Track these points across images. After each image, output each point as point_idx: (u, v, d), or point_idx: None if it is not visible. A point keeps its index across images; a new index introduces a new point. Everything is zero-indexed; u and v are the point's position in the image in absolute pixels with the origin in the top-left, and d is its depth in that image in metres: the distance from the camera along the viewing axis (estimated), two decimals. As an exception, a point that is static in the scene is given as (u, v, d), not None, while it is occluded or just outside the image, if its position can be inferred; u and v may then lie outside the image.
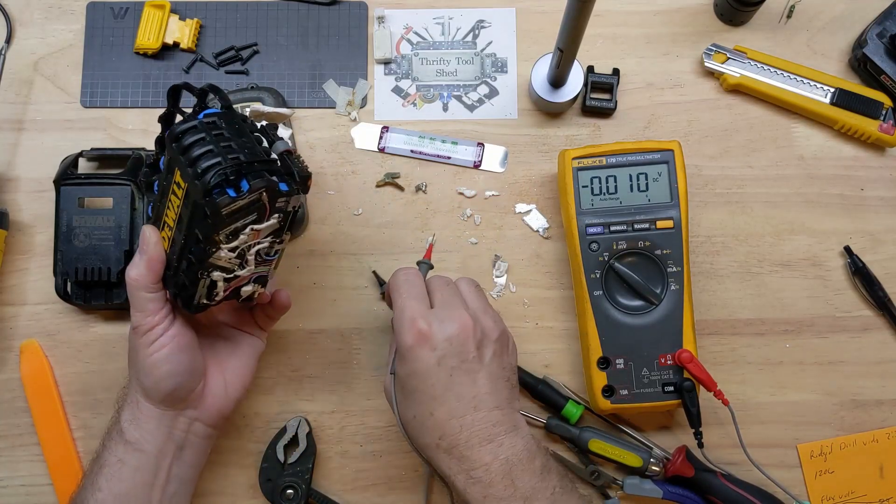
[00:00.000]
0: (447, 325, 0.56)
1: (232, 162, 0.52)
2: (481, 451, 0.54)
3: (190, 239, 0.54)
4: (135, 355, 0.58)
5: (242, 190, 0.52)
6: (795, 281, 0.74)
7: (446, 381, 0.55)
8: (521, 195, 0.74)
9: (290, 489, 0.68)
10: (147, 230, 0.56)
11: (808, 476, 0.71)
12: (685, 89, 0.76)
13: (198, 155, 0.52)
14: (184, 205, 0.53)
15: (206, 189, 0.51)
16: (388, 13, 0.76)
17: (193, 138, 0.53)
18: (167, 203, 0.55)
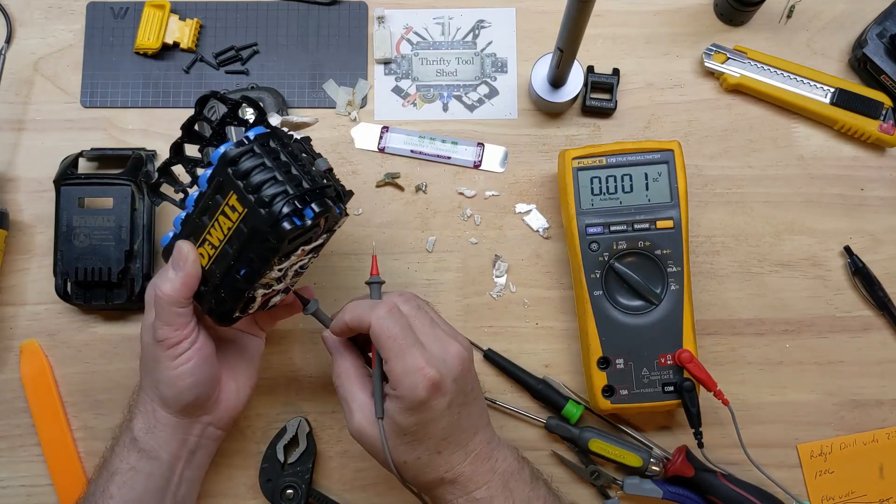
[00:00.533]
0: (451, 365, 0.54)
1: (297, 191, 0.53)
2: (482, 471, 0.56)
3: (242, 260, 0.55)
4: (155, 365, 0.58)
5: (307, 218, 0.53)
6: (795, 281, 0.74)
7: (455, 420, 0.55)
8: (521, 195, 0.74)
9: (290, 489, 0.69)
10: (185, 247, 0.55)
11: (808, 476, 0.71)
12: (685, 89, 0.76)
13: (261, 182, 0.53)
14: (239, 228, 0.54)
15: (274, 219, 0.52)
16: (388, 13, 0.76)
17: (254, 163, 0.53)
18: (213, 223, 0.55)
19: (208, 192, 0.54)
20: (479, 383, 0.59)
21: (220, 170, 0.54)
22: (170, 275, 0.55)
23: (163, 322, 0.56)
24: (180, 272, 0.55)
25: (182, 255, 0.55)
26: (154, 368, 0.58)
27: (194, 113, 0.59)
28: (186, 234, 0.56)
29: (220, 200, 0.54)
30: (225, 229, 0.54)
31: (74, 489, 0.70)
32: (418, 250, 0.73)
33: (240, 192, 0.53)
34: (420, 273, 0.73)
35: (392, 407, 0.54)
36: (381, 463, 0.57)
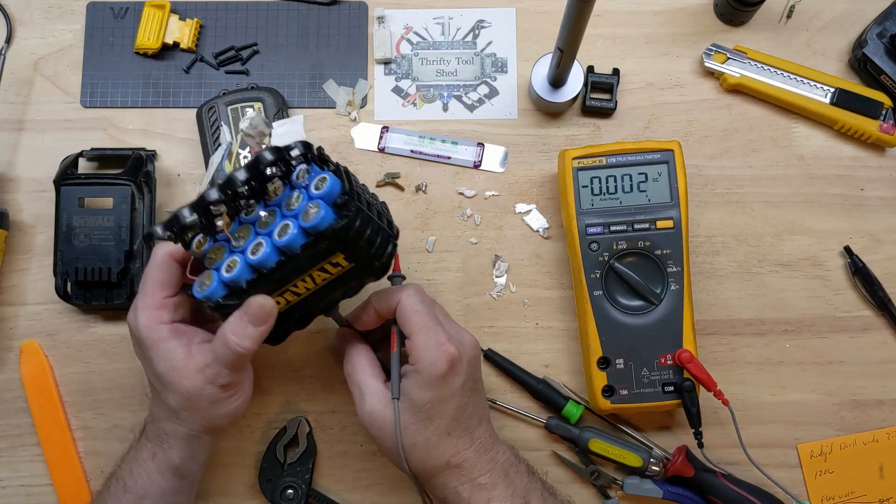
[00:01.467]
0: (466, 347, 0.58)
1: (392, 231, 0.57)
2: (485, 460, 0.58)
3: (327, 298, 0.57)
4: (209, 405, 0.58)
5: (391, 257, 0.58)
6: (795, 281, 0.74)
7: (465, 403, 0.58)
8: (521, 195, 0.74)
9: (290, 489, 0.69)
10: (267, 304, 0.54)
11: (808, 476, 0.71)
12: (685, 89, 0.76)
13: (372, 240, 0.55)
14: (339, 277, 0.55)
15: (384, 266, 0.57)
16: (388, 13, 0.76)
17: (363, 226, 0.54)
18: (304, 277, 0.54)
19: (303, 255, 0.53)
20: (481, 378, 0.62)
21: (327, 238, 0.52)
22: (249, 331, 0.54)
23: (232, 369, 0.56)
24: (262, 326, 0.55)
25: (265, 312, 0.54)
26: (209, 408, 0.58)
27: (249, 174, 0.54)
28: (258, 290, 0.54)
29: (317, 261, 0.54)
30: (319, 280, 0.55)
31: (74, 489, 0.70)
32: (418, 250, 0.73)
33: (351, 251, 0.54)
34: (420, 273, 0.73)
35: (409, 383, 0.57)
36: (386, 451, 0.59)
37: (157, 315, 0.57)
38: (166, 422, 0.59)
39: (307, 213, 0.53)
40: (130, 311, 0.59)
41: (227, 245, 0.56)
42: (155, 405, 0.60)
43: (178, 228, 0.54)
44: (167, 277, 0.58)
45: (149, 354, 0.57)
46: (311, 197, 0.54)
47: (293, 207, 0.54)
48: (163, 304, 0.58)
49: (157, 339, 0.57)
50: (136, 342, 0.59)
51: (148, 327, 0.57)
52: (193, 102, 0.75)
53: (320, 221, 0.52)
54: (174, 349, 0.57)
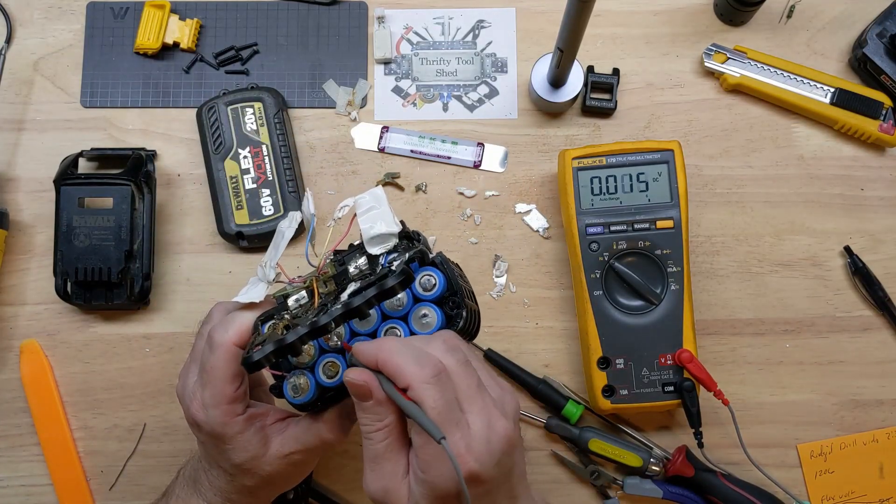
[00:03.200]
0: (495, 448, 0.45)
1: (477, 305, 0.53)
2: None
3: None
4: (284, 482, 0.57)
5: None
6: (795, 281, 0.74)
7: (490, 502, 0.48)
8: (521, 195, 0.74)
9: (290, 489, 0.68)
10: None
11: (808, 476, 0.71)
12: (685, 89, 0.76)
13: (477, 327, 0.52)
14: None
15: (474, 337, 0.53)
16: (388, 13, 0.76)
17: (474, 321, 0.52)
18: None
19: None
20: (521, 441, 0.50)
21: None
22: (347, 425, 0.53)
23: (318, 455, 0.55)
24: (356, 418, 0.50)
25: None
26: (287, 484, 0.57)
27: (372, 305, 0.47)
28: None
29: None
30: None
31: (74, 489, 0.70)
32: (418, 250, 0.73)
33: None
34: (420, 273, 0.73)
35: (417, 491, 0.46)
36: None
37: (231, 409, 0.52)
38: (236, 494, 0.55)
39: (419, 320, 0.49)
40: (194, 403, 0.53)
41: (316, 342, 0.51)
42: (220, 480, 0.55)
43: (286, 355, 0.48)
44: (236, 369, 0.51)
45: (223, 447, 0.53)
46: (416, 297, 0.49)
47: (398, 309, 0.49)
48: (235, 398, 0.52)
49: (234, 433, 0.52)
50: (207, 435, 0.53)
51: (223, 424, 0.52)
52: (193, 102, 0.75)
53: (436, 329, 0.49)
54: (251, 439, 0.53)
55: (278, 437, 0.53)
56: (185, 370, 0.55)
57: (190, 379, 0.54)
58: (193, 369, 0.54)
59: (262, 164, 0.71)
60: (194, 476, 0.58)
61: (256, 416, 0.54)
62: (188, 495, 0.57)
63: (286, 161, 0.71)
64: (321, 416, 0.53)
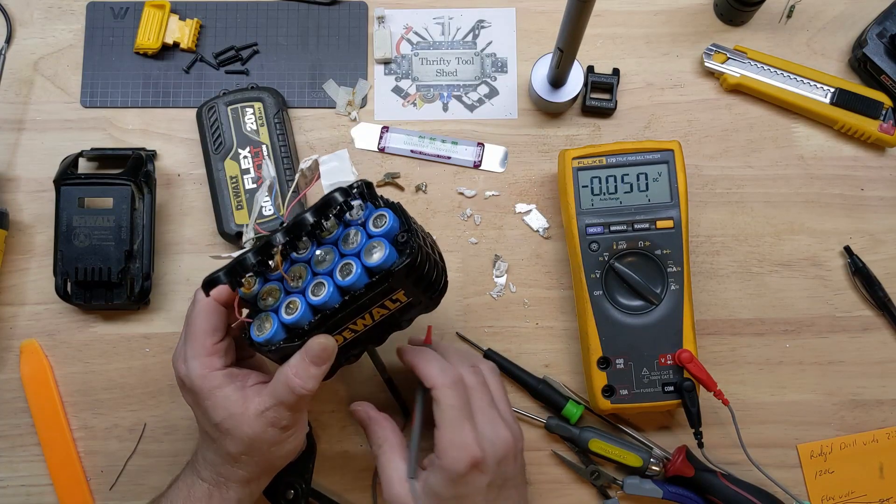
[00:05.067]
0: (497, 448, 0.56)
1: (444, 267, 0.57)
2: None
3: (380, 332, 0.57)
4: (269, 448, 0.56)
5: None
6: (795, 281, 0.74)
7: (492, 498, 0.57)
8: (521, 195, 0.74)
9: (290, 489, 0.68)
10: (329, 344, 0.53)
11: (808, 476, 0.71)
12: (685, 89, 0.76)
13: (433, 275, 0.55)
14: (396, 312, 0.55)
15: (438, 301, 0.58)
16: (388, 13, 0.76)
17: (425, 266, 0.54)
18: (363, 315, 0.54)
19: (365, 293, 0.52)
20: (524, 472, 0.61)
21: (393, 277, 0.52)
22: (312, 371, 0.53)
23: (294, 411, 0.55)
24: (324, 365, 0.54)
25: (328, 353, 0.54)
26: (271, 451, 0.57)
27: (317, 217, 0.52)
28: (319, 329, 0.54)
29: (378, 298, 0.53)
30: (377, 316, 0.55)
31: (74, 489, 0.70)
32: (418, 250, 0.73)
33: (411, 289, 0.54)
34: (420, 273, 0.73)
35: (433, 477, 0.56)
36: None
37: (210, 362, 0.55)
38: (223, 465, 0.57)
39: (370, 252, 0.52)
40: (178, 360, 0.57)
41: (280, 284, 0.54)
42: (209, 450, 0.58)
43: (240, 274, 0.52)
44: (216, 322, 0.56)
45: (204, 404, 0.55)
46: (370, 235, 0.53)
47: (352, 246, 0.53)
48: (214, 351, 0.55)
49: (212, 387, 0.55)
50: (189, 392, 0.56)
51: (201, 376, 0.55)
52: (193, 102, 0.75)
53: (384, 260, 0.51)
54: (230, 395, 0.55)
55: (256, 397, 0.55)
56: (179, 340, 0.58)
57: (179, 342, 0.58)
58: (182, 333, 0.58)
59: (262, 164, 0.71)
60: (193, 458, 0.60)
61: (237, 376, 0.56)
62: (185, 476, 0.60)
63: (286, 161, 0.71)
64: (287, 363, 0.54)
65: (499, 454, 0.56)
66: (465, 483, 0.55)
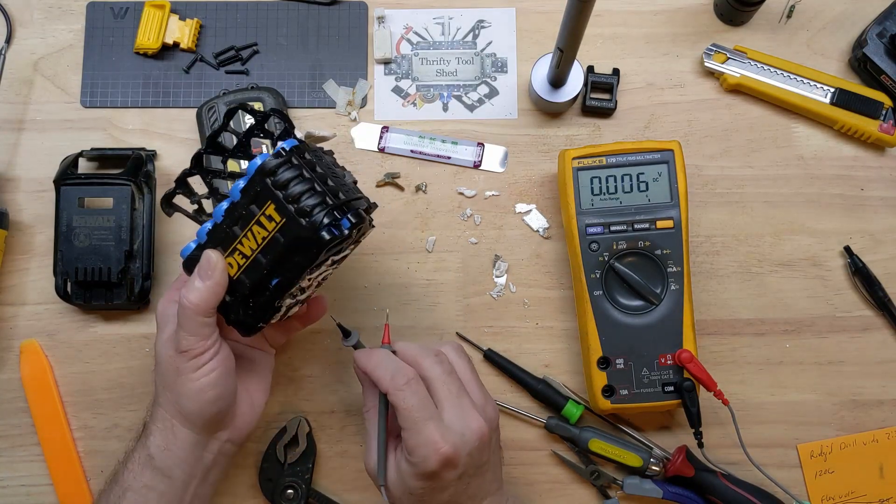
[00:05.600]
0: (469, 440, 0.55)
1: (335, 201, 0.54)
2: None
3: (275, 271, 0.55)
4: (176, 378, 0.57)
5: (344, 228, 0.54)
6: (795, 281, 0.74)
7: (463, 489, 0.56)
8: (521, 195, 0.74)
9: (290, 489, 0.69)
10: (213, 256, 0.55)
11: (808, 476, 0.71)
12: (685, 89, 0.76)
13: (301, 192, 0.53)
14: (275, 238, 0.54)
15: (314, 229, 0.53)
16: (388, 13, 0.76)
17: (293, 174, 0.53)
18: (246, 233, 0.55)
19: (242, 202, 0.54)
20: (499, 450, 0.60)
21: (258, 179, 0.53)
22: (196, 284, 0.55)
23: (187, 332, 0.56)
24: (208, 281, 0.54)
25: (210, 265, 0.55)
26: (175, 382, 0.57)
27: (221, 124, 0.59)
28: (213, 244, 0.56)
29: (255, 211, 0.54)
30: (259, 239, 0.55)
31: (74, 489, 0.70)
32: (418, 250, 0.73)
33: (279, 202, 0.53)
34: (420, 273, 0.73)
35: (404, 468, 0.55)
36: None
37: (172, 294, 0.59)
38: (151, 407, 0.60)
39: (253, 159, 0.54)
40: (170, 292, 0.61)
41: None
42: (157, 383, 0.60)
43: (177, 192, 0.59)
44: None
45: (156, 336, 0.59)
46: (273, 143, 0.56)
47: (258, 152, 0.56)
48: (177, 287, 0.60)
49: (164, 317, 0.59)
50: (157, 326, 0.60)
51: (162, 307, 0.59)
52: (193, 102, 0.75)
53: (252, 164, 0.54)
54: (167, 325, 0.58)
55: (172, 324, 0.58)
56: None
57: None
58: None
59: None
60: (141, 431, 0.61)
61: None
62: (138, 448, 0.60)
63: (286, 161, 0.71)
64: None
65: (470, 446, 0.54)
66: (437, 479, 0.54)
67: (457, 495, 0.56)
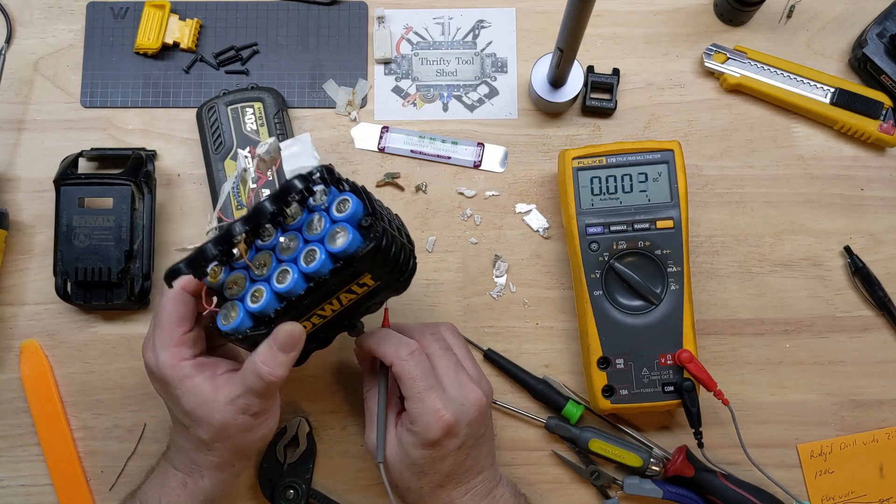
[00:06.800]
0: (468, 410, 0.57)
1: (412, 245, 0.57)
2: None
3: (351, 316, 0.57)
4: (244, 434, 0.57)
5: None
6: (795, 281, 0.74)
7: (462, 460, 0.58)
8: (521, 195, 0.74)
9: (290, 489, 0.69)
10: (296, 331, 0.53)
11: (808, 476, 0.71)
12: (685, 89, 0.76)
13: (400, 257, 0.54)
14: (364, 296, 0.55)
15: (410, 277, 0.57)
16: (388, 13, 0.76)
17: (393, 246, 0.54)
18: (332, 300, 0.54)
19: (329, 277, 0.52)
20: (492, 425, 0.63)
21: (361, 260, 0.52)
22: (280, 359, 0.53)
23: (263, 398, 0.56)
24: (290, 354, 0.54)
25: (295, 340, 0.53)
26: (242, 437, 0.57)
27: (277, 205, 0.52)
28: (293, 314, 0.53)
29: (344, 283, 0.53)
30: (345, 301, 0.55)
31: (74, 489, 0.70)
32: (418, 250, 0.73)
33: (378, 271, 0.53)
34: (420, 273, 0.72)
35: (406, 439, 0.57)
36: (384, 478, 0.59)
37: (179, 353, 0.56)
38: (196, 453, 0.57)
39: (334, 237, 0.52)
40: (147, 350, 0.57)
41: (246, 273, 0.54)
42: (181, 438, 0.58)
43: (202, 264, 0.52)
44: (184, 312, 0.56)
45: (174, 393, 0.56)
46: (333, 220, 0.53)
47: (316, 232, 0.53)
48: (183, 341, 0.56)
49: (182, 376, 0.55)
50: (158, 381, 0.57)
51: (171, 366, 0.55)
52: (193, 102, 0.75)
53: (349, 245, 0.51)
54: (200, 384, 0.55)
55: (226, 385, 0.55)
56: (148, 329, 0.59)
57: (148, 332, 0.58)
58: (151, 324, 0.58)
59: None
60: (166, 449, 0.61)
61: (207, 365, 0.57)
62: (160, 467, 0.60)
63: (286, 161, 0.71)
64: (255, 351, 0.54)
65: (469, 416, 0.57)
66: (439, 447, 0.56)
67: (456, 466, 0.58)
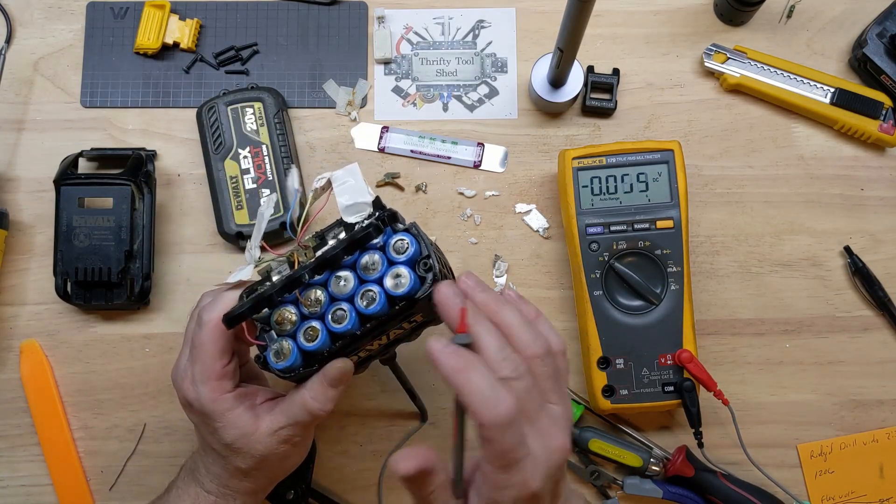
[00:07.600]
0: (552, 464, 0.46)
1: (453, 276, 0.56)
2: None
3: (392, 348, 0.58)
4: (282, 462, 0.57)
5: None
6: (795, 281, 0.74)
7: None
8: (521, 195, 0.74)
9: (290, 489, 0.68)
10: (347, 367, 0.53)
11: (808, 476, 0.71)
12: (685, 89, 0.76)
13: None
14: (410, 329, 0.55)
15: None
16: (388, 13, 0.76)
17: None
18: (381, 336, 0.54)
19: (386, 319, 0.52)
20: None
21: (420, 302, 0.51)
22: (331, 395, 0.53)
23: (307, 429, 0.56)
24: (336, 389, 0.53)
25: (345, 376, 0.53)
26: (281, 464, 0.57)
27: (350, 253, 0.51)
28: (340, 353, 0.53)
29: (397, 322, 0.53)
30: (392, 336, 0.55)
31: (74, 489, 0.70)
32: (418, 250, 0.73)
33: (430, 310, 0.52)
34: (420, 273, 0.73)
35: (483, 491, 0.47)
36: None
37: (220, 386, 0.54)
38: (231, 479, 0.57)
39: (394, 280, 0.51)
40: (185, 383, 0.55)
41: (295, 308, 0.53)
42: (215, 465, 0.57)
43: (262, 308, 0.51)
44: (224, 345, 0.54)
45: (214, 425, 0.54)
46: (390, 261, 0.52)
47: (373, 273, 0.51)
48: (223, 374, 0.54)
49: (224, 410, 0.54)
50: (198, 414, 0.55)
51: (212, 400, 0.54)
52: (193, 102, 0.75)
53: (410, 289, 0.51)
54: (241, 415, 0.54)
55: (268, 415, 0.55)
56: (179, 355, 0.56)
57: (182, 360, 0.56)
58: (185, 352, 0.56)
59: (262, 164, 0.71)
60: (193, 466, 0.59)
61: (246, 395, 0.55)
62: (187, 485, 0.58)
63: (286, 161, 0.71)
64: (304, 386, 0.54)
65: (553, 469, 0.46)
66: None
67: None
